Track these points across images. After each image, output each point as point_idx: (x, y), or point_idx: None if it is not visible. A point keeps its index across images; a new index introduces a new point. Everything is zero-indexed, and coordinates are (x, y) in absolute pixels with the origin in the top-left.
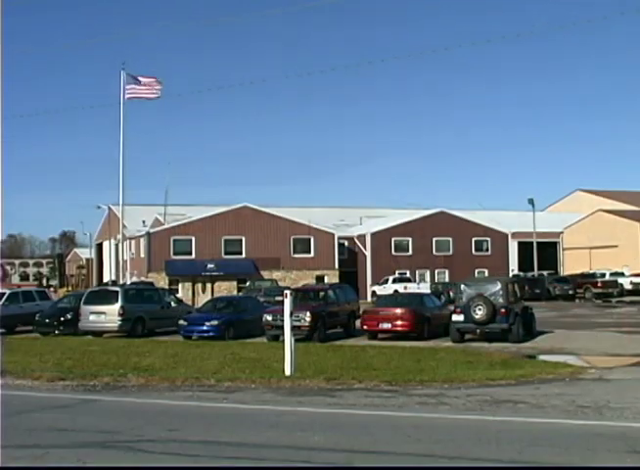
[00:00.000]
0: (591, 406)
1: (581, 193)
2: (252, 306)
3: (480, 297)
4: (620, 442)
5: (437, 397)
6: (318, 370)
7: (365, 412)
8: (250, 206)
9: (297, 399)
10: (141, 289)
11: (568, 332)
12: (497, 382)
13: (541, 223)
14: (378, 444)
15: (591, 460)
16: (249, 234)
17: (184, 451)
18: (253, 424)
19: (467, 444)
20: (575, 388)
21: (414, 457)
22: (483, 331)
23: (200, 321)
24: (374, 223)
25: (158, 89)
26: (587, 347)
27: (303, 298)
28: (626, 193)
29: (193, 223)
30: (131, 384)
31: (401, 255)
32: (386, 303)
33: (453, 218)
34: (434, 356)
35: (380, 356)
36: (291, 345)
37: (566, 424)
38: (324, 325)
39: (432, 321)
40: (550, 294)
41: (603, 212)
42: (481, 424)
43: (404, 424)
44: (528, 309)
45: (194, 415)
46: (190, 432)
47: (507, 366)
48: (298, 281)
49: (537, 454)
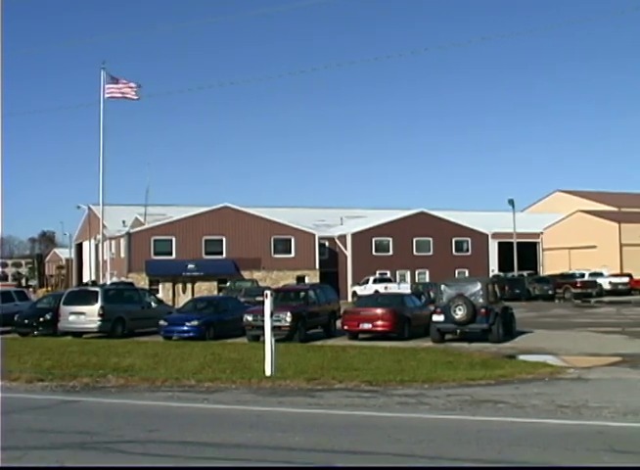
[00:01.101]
0: (570, 406)
1: (561, 194)
2: (233, 307)
3: (461, 297)
4: (599, 440)
5: (418, 397)
6: (299, 370)
7: (345, 412)
8: (230, 206)
9: (277, 399)
10: (121, 289)
11: (547, 332)
12: (477, 382)
13: (521, 224)
14: (358, 444)
15: (570, 459)
16: (229, 234)
17: (164, 452)
18: (234, 424)
19: (447, 443)
20: (555, 387)
21: (394, 457)
22: (464, 331)
23: (180, 321)
24: (354, 223)
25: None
26: (566, 347)
27: (284, 298)
28: (605, 194)
29: (173, 223)
30: (111, 384)
31: (382, 255)
32: (366, 303)
33: (433, 219)
34: (415, 357)
35: (360, 357)
36: (271, 345)
37: (545, 423)
38: (304, 325)
39: (412, 321)
40: (530, 294)
41: (582, 213)
42: (461, 424)
43: (384, 424)
44: (508, 310)
45: (174, 416)
46: (170, 432)
47: (487, 366)
48: (279, 281)
49: (517, 454)
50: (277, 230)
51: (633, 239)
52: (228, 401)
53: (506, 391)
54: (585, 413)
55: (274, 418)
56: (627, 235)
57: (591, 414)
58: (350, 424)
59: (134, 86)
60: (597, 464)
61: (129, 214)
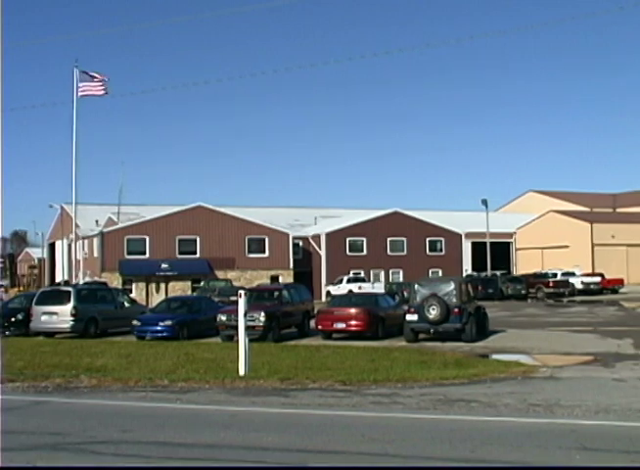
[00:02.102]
0: (542, 404)
1: (534, 194)
2: (207, 307)
3: (434, 297)
4: (570, 439)
5: (391, 396)
6: (272, 370)
7: (319, 412)
8: (204, 205)
9: (250, 399)
10: (94, 289)
11: (520, 331)
12: (450, 381)
13: (494, 224)
14: (332, 443)
15: (542, 457)
16: (203, 234)
17: (137, 452)
18: (207, 425)
19: (420, 443)
20: (527, 386)
21: (368, 457)
22: (437, 331)
23: (153, 321)
24: (328, 223)
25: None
26: (539, 346)
27: (258, 298)
28: (578, 194)
29: (147, 223)
30: (83, 385)
31: (356, 255)
32: (340, 302)
33: (407, 219)
34: (389, 356)
35: (334, 356)
36: (245, 345)
37: (518, 422)
38: (278, 325)
39: (386, 321)
40: (503, 293)
41: (555, 213)
42: (435, 423)
43: (358, 424)
44: (481, 309)
45: (147, 416)
46: (143, 433)
47: (460, 366)
48: (253, 281)
49: (490, 453)
50: (251, 230)
51: (605, 239)
52: (201, 402)
53: (479, 390)
54: (557, 412)
55: (247, 418)
56: (599, 235)
57: (563, 413)
58: (324, 424)
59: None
60: (569, 462)
61: (102, 214)
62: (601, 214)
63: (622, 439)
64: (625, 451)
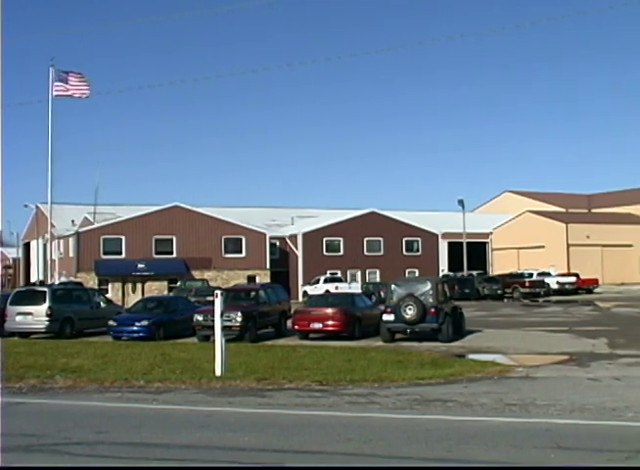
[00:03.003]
0: (518, 404)
1: (510, 194)
2: (183, 307)
3: (411, 297)
4: (545, 438)
5: (368, 396)
6: (249, 370)
7: (295, 412)
8: (180, 205)
9: (227, 399)
10: (70, 289)
11: (496, 331)
12: (427, 381)
13: (471, 224)
14: (308, 443)
15: (517, 457)
16: (180, 234)
17: (112, 453)
18: (183, 425)
19: (397, 442)
20: (503, 386)
21: (344, 457)
22: (414, 331)
23: (129, 322)
24: (305, 223)
25: (86, 88)
26: (515, 345)
27: (235, 298)
28: (553, 194)
29: (123, 223)
30: (59, 386)
31: (333, 255)
32: (317, 302)
33: (384, 219)
34: (365, 356)
35: (311, 356)
36: (221, 345)
37: (493, 422)
38: (255, 325)
39: (362, 321)
40: (479, 293)
41: (530, 214)
42: (411, 423)
43: (335, 423)
44: (458, 309)
45: (122, 417)
46: (118, 434)
47: (437, 365)
48: (230, 281)
49: (466, 452)
50: (228, 230)
51: (580, 239)
52: (178, 402)
53: (455, 389)
54: (533, 411)
55: (224, 418)
56: (574, 235)
57: (538, 412)
58: (301, 424)
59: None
60: (544, 461)
61: (78, 214)
62: (576, 215)
63: (596, 437)
64: (599, 450)
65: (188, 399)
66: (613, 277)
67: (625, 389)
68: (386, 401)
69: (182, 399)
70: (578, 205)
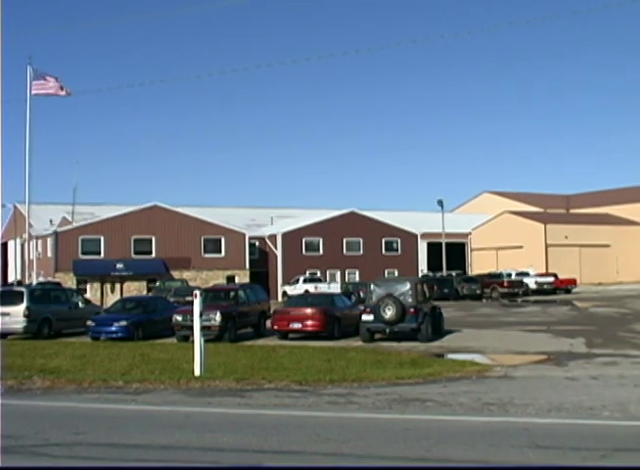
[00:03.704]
0: (496, 403)
1: (488, 195)
2: (162, 307)
3: (390, 297)
4: (523, 437)
5: (347, 396)
6: (228, 371)
7: (275, 412)
8: (160, 205)
9: (206, 399)
10: (48, 289)
11: (475, 331)
12: (406, 381)
13: (450, 224)
14: (287, 443)
15: (496, 456)
16: (159, 234)
17: (90, 455)
18: (162, 426)
19: (375, 442)
20: (482, 385)
21: (323, 457)
22: (393, 330)
23: (108, 322)
24: (285, 223)
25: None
26: (493, 345)
27: (214, 298)
28: (531, 195)
29: (102, 223)
30: (36, 387)
31: (312, 255)
32: (296, 302)
33: (363, 219)
34: (345, 356)
35: (290, 356)
36: (200, 345)
37: (472, 421)
38: (234, 325)
39: (342, 321)
40: (458, 293)
41: (509, 214)
42: (390, 422)
43: (314, 424)
44: (437, 309)
45: (101, 418)
46: (97, 435)
47: (416, 365)
48: (209, 281)
49: (445, 452)
50: (207, 230)
51: (558, 239)
52: (156, 402)
53: (434, 389)
54: (511, 410)
55: (203, 419)
56: (552, 235)
57: (516, 411)
58: (280, 424)
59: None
60: (522, 460)
61: (56, 213)
62: (554, 215)
63: (574, 436)
64: (576, 449)
65: (167, 399)
66: (590, 277)
67: (602, 388)
68: (365, 401)
69: (161, 400)
70: (557, 205)
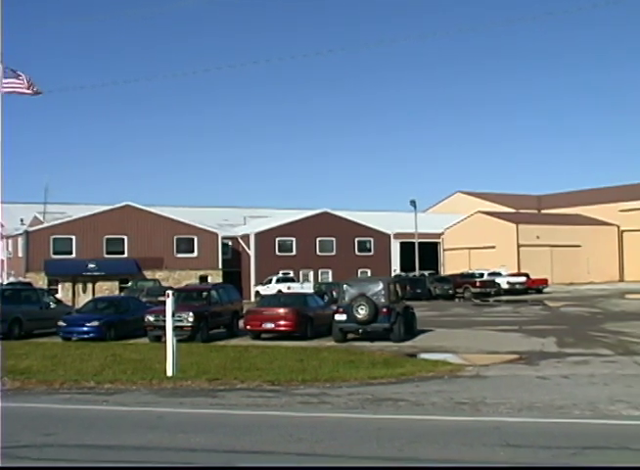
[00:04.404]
0: (468, 403)
1: (461, 195)
2: (134, 307)
3: (363, 297)
4: (495, 436)
5: (320, 396)
6: (201, 371)
7: (247, 412)
8: (132, 205)
9: (178, 400)
10: (18, 289)
11: (447, 331)
12: (378, 380)
13: (423, 224)
14: (259, 443)
15: (468, 455)
16: (131, 233)
17: (61, 456)
18: (134, 426)
19: (348, 442)
20: (454, 385)
21: (295, 457)
22: (366, 330)
23: (80, 322)
24: (258, 223)
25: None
26: (466, 345)
27: (186, 298)
28: (504, 195)
29: (73, 222)
30: (6, 388)
31: (285, 255)
32: (269, 302)
33: (336, 219)
34: (317, 356)
35: (263, 356)
36: (173, 345)
37: (444, 420)
38: (207, 325)
39: (315, 321)
40: (431, 293)
41: (481, 214)
42: (363, 422)
43: (286, 424)
44: (410, 309)
45: (72, 418)
46: (68, 436)
47: (388, 365)
48: (182, 281)
49: (417, 451)
50: (180, 230)
51: (530, 239)
52: (128, 403)
53: (406, 389)
54: (483, 410)
55: (175, 419)
56: (524, 236)
57: (488, 410)
58: (252, 424)
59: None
60: (493, 459)
61: (28, 213)
62: (526, 215)
63: (544, 435)
64: (547, 447)
65: (139, 399)
66: (562, 277)
67: (573, 387)
68: (337, 401)
69: (133, 401)
70: (528, 205)
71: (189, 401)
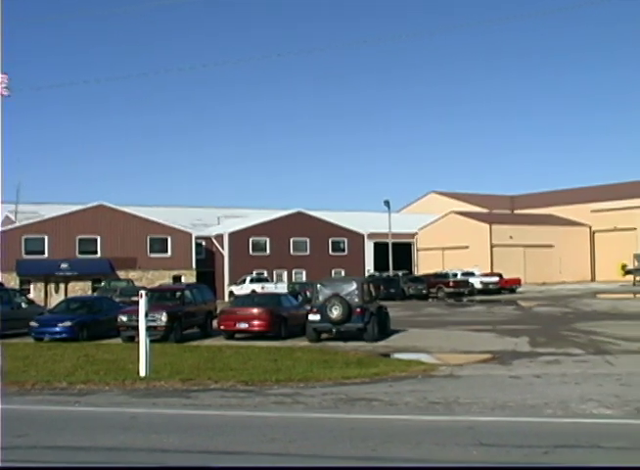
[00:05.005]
0: (442, 402)
1: (435, 195)
2: (107, 307)
3: (336, 296)
4: (468, 435)
5: (293, 396)
6: (174, 371)
7: (221, 413)
8: (105, 204)
9: (151, 400)
10: None
11: (421, 330)
12: (352, 380)
13: (397, 224)
14: (233, 444)
15: (441, 454)
16: (104, 233)
17: (33, 458)
18: (107, 427)
19: (322, 442)
20: (427, 385)
21: (269, 457)
22: (339, 330)
23: (52, 322)
24: (232, 223)
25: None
26: (439, 345)
27: (160, 298)
28: (477, 196)
29: (46, 222)
30: None
31: (259, 254)
32: (243, 302)
33: (310, 219)
34: (291, 356)
35: (236, 356)
36: (146, 346)
37: (418, 420)
38: (180, 325)
39: (289, 321)
40: (405, 293)
41: (455, 214)
42: (336, 422)
43: (260, 424)
44: (383, 309)
45: (44, 420)
46: (39, 437)
47: (362, 365)
48: (155, 281)
49: (390, 451)
50: (153, 229)
51: (503, 240)
52: (101, 404)
53: (380, 389)
54: (456, 409)
55: (148, 420)
56: (497, 236)
57: (461, 410)
58: (226, 424)
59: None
60: (466, 458)
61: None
62: (499, 216)
63: (517, 434)
64: (519, 446)
65: (112, 400)
66: (534, 277)
67: (545, 386)
68: (311, 401)
69: (106, 401)
70: (502, 206)
71: (162, 402)
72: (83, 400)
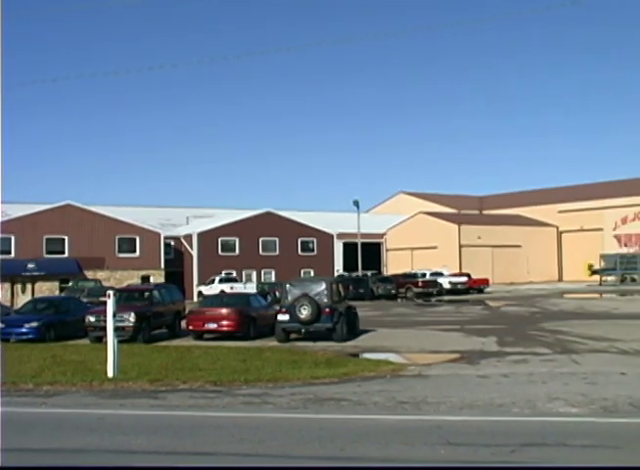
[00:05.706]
0: (410, 402)
1: (404, 195)
2: (75, 307)
3: (305, 297)
4: (436, 435)
5: (262, 396)
6: (142, 372)
7: (189, 413)
8: (73, 204)
9: (119, 401)
10: None
11: (390, 330)
12: (321, 380)
13: (366, 224)
14: (202, 445)
15: (409, 454)
16: (72, 233)
17: None
18: (73, 429)
19: (290, 442)
20: (396, 384)
21: (237, 457)
22: (308, 330)
23: (18, 323)
24: (200, 223)
25: None
26: (408, 344)
27: (128, 298)
28: (446, 196)
29: (12, 221)
30: None
31: (228, 254)
32: (212, 303)
33: (280, 219)
34: (260, 356)
35: (205, 357)
36: (114, 346)
37: (386, 420)
38: (149, 326)
39: (258, 321)
40: (373, 293)
41: (424, 215)
42: (305, 422)
43: (228, 424)
44: (352, 309)
45: (10, 422)
46: (6, 440)
47: (331, 365)
48: (123, 281)
49: (358, 450)
50: (121, 229)
51: (471, 240)
52: (68, 405)
53: (349, 388)
54: (424, 409)
55: (116, 421)
56: (466, 236)
57: (429, 409)
58: (194, 425)
59: None
60: (434, 457)
61: None
62: (468, 216)
63: (485, 433)
64: (487, 445)
65: (79, 401)
66: (502, 277)
67: (512, 385)
68: (280, 401)
69: (73, 402)
70: (470, 206)
71: (130, 403)
72: (50, 402)
